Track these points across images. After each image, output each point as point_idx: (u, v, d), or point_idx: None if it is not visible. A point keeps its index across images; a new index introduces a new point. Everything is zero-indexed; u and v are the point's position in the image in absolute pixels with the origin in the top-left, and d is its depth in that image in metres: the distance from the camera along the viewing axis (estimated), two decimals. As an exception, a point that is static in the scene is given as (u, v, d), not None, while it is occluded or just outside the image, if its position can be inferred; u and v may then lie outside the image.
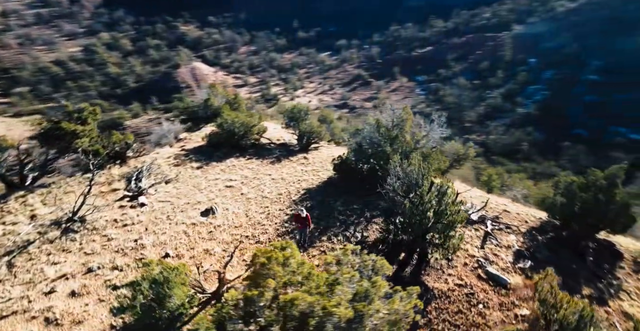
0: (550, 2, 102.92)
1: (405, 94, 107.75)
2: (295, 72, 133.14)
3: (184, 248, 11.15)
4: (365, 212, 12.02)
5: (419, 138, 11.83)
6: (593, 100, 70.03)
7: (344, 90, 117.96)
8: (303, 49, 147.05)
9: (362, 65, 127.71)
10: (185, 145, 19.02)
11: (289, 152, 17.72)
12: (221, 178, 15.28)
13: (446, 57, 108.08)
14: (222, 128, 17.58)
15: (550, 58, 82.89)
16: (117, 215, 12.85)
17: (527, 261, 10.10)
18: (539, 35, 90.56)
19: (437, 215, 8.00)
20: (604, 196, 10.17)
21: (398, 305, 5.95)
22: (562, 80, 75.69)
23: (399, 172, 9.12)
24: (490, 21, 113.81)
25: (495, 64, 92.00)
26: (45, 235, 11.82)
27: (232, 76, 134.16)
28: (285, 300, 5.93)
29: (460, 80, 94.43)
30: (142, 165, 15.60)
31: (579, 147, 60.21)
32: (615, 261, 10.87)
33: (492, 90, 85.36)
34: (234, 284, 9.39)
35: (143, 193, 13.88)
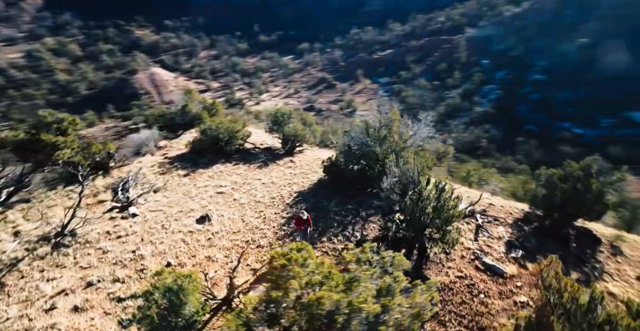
0: (497, 7, 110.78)
1: (369, 96, 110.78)
2: (259, 76, 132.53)
3: (185, 257, 11.20)
4: (360, 211, 12.52)
5: (406, 138, 12.76)
6: (539, 99, 76.27)
7: (309, 93, 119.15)
8: (266, 52, 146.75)
9: (326, 68, 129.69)
10: (168, 152, 18.81)
11: (274, 156, 18.12)
12: (211, 185, 15.40)
13: (406, 59, 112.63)
14: (205, 134, 17.64)
15: (501, 59, 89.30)
16: (109, 227, 12.65)
17: (519, 250, 10.72)
18: (490, 38, 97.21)
19: (436, 211, 8.64)
20: (582, 186, 11.03)
21: (419, 298, 6.22)
22: (512, 80, 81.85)
23: (395, 171, 9.79)
24: (444, 25, 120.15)
25: (452, 66, 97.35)
26: (35, 252, 11.44)
27: (194, 81, 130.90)
28: (311, 300, 6.04)
29: (420, 82, 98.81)
30: (126, 175, 15.35)
31: (531, 142, 65.25)
32: (595, 246, 11.70)
33: (451, 91, 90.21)
34: (242, 289, 9.60)
35: (132, 203, 13.73)
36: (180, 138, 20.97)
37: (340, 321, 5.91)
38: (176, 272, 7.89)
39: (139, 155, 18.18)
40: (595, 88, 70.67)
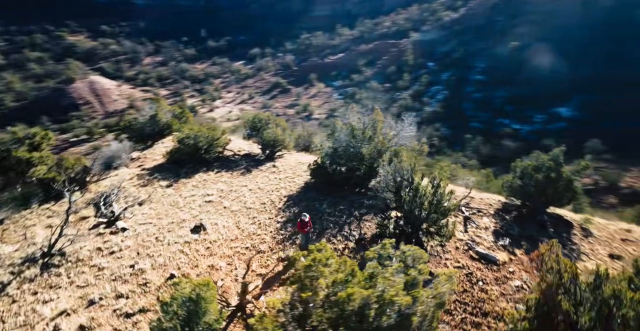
0: (437, 13, 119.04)
1: (324, 99, 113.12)
2: (210, 83, 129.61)
3: (187, 267, 11.19)
4: (353, 211, 13.12)
5: (390, 138, 13.92)
6: (481, 97, 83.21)
7: (264, 99, 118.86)
8: (215, 58, 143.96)
9: (279, 73, 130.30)
10: (144, 164, 18.36)
11: (256, 162, 18.49)
12: (197, 194, 15.46)
13: (357, 62, 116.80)
14: (183, 143, 17.58)
15: (445, 61, 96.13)
16: (99, 244, 12.35)
17: (506, 238, 11.48)
18: (433, 42, 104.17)
19: (432, 206, 9.46)
20: (555, 174, 12.16)
21: (441, 288, 6.67)
22: (456, 81, 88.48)
23: (389, 169, 10.75)
24: (390, 29, 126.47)
25: (401, 68, 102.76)
26: (22, 275, 10.91)
27: (140, 89, 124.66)
28: (342, 297, 6.23)
29: (372, 84, 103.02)
30: (106, 189, 14.93)
31: (477, 138, 70.92)
32: (568, 229, 12.64)
33: (401, 92, 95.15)
34: (253, 295, 9.86)
35: (119, 217, 13.46)
36: (153, 149, 20.50)
37: (372, 316, 6.16)
38: (193, 281, 8.00)
39: (111, 168, 17.60)
40: (528, 87, 78.73)
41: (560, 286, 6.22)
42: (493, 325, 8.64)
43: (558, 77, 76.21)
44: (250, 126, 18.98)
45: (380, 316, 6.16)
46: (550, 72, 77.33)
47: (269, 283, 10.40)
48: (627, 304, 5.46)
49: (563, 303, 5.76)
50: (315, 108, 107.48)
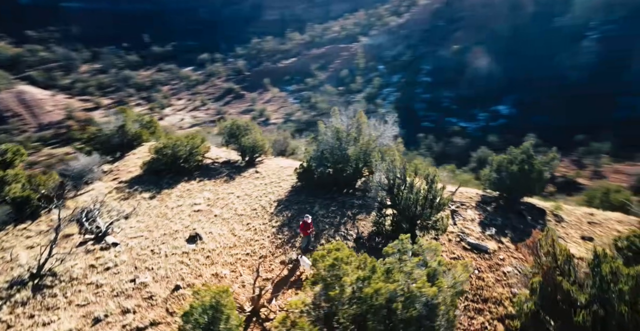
0: (383, 18, 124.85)
1: (280, 104, 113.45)
2: (158, 90, 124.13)
3: (191, 278, 11.17)
4: (345, 211, 13.50)
5: (374, 139, 14.93)
6: (430, 98, 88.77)
7: (217, 105, 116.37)
8: (162, 64, 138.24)
9: (232, 79, 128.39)
10: (119, 177, 17.73)
11: (237, 169, 18.66)
12: (184, 204, 15.40)
13: (310, 66, 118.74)
14: (161, 153, 17.33)
15: (394, 64, 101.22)
16: (91, 261, 12.01)
17: (492, 228, 12.20)
18: (382, 46, 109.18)
19: (428, 201, 10.20)
20: (528, 166, 13.14)
21: (460, 277, 7.19)
22: (406, 83, 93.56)
23: (382, 168, 11.58)
24: (340, 34, 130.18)
25: (353, 71, 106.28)
26: (12, 299, 10.38)
27: (78, 99, 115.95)
28: (369, 293, 6.56)
29: (327, 88, 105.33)
30: (85, 204, 14.40)
31: (429, 137, 75.53)
32: (543, 216, 13.45)
33: (355, 95, 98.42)
34: (266, 299, 10.06)
35: (108, 232, 13.12)
36: (125, 161, 19.79)
37: (399, 308, 6.46)
38: (212, 289, 8.08)
39: (84, 183, 16.84)
40: (470, 87, 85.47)
41: (556, 268, 6.96)
42: (494, 310, 9.34)
43: (495, 77, 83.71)
44: (229, 133, 19.12)
45: (408, 308, 6.46)
46: (488, 73, 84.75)
47: (278, 287, 10.64)
48: (623, 279, 6.15)
49: (564, 284, 6.60)
50: (272, 113, 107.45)
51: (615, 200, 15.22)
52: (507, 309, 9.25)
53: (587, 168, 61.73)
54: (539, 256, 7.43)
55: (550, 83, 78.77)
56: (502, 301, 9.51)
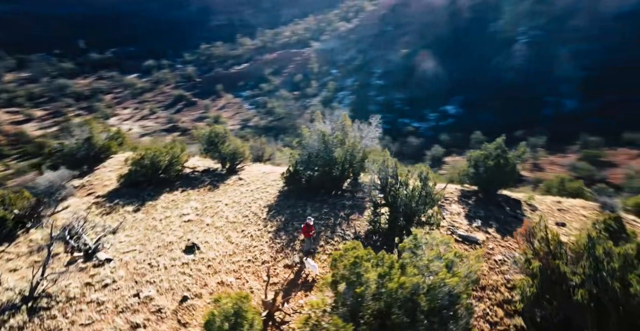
0: (333, 23, 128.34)
1: (235, 110, 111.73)
2: (100, 99, 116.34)
3: (196, 288, 11.19)
4: (338, 212, 13.98)
5: (358, 140, 15.82)
6: (383, 100, 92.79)
7: (168, 113, 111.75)
8: (102, 72, 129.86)
9: (182, 85, 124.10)
10: (94, 191, 16.92)
11: (219, 177, 18.68)
12: (172, 215, 15.25)
13: (263, 72, 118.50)
14: (139, 165, 16.92)
15: (347, 68, 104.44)
16: (86, 278, 11.62)
17: (477, 220, 12.90)
18: (334, 50, 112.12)
19: (422, 197, 10.90)
20: (503, 160, 14.18)
21: (472, 267, 7.61)
22: (360, 86, 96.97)
23: (374, 168, 12.27)
24: (291, 39, 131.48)
25: (307, 76, 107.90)
26: (6, 324, 9.82)
27: (4, 111, 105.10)
28: (393, 287, 6.94)
29: (282, 93, 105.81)
30: (65, 222, 13.78)
31: (386, 137, 78.86)
32: (519, 206, 14.44)
33: (311, 99, 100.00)
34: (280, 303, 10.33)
35: (98, 249, 12.73)
36: (96, 174, 18.87)
37: (424, 300, 6.85)
38: (232, 296, 8.26)
39: (57, 200, 15.93)
40: (419, 89, 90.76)
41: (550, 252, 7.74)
42: (492, 296, 10.02)
43: (442, 79, 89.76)
44: (207, 141, 19.08)
45: (432, 299, 6.86)
46: (435, 75, 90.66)
47: (287, 290, 10.88)
48: (615, 258, 6.91)
49: (561, 266, 7.51)
50: (227, 119, 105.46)
51: (570, 188, 17.42)
52: (503, 295, 10.05)
53: (527, 162, 68.29)
54: (533, 243, 8.31)
55: (490, 84, 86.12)
56: (499, 287, 10.30)
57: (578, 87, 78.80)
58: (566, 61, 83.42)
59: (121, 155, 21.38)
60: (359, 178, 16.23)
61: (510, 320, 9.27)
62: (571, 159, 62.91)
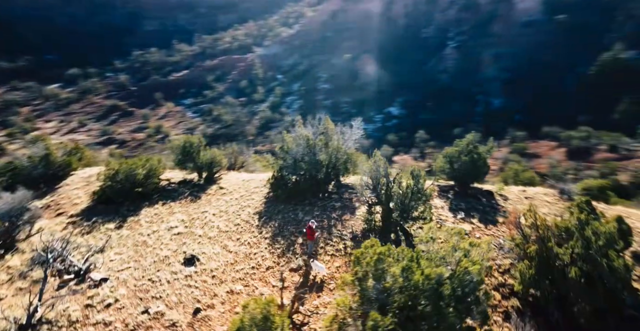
0: (275, 29, 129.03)
1: (178, 119, 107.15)
2: (16, 112, 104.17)
3: (207, 298, 11.26)
4: (330, 213, 14.48)
5: (341, 143, 16.70)
6: (331, 104, 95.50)
7: (101, 125, 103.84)
8: (16, 82, 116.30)
9: (114, 95, 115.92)
10: (64, 211, 15.79)
11: (198, 187, 18.46)
12: (160, 229, 14.94)
13: (206, 78, 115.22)
14: (114, 180, 16.25)
15: (292, 73, 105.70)
16: (84, 300, 11.20)
17: (461, 212, 13.86)
18: (277, 56, 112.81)
19: (415, 194, 11.77)
20: (476, 155, 15.54)
21: (485, 255, 8.26)
22: (307, 90, 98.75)
23: (365, 169, 13.19)
24: (233, 44, 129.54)
25: (253, 82, 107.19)
26: (10, 359, 9.22)
27: None
28: (419, 279, 7.32)
29: (228, 99, 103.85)
30: (43, 245, 12.95)
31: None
32: (492, 197, 15.67)
33: (259, 105, 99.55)
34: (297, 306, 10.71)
35: (89, 269, 12.21)
36: (59, 193, 17.53)
37: (449, 289, 7.30)
38: (258, 301, 8.31)
39: (24, 222, 14.66)
40: (364, 92, 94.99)
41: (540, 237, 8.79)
42: (488, 281, 10.73)
43: (384, 82, 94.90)
44: (182, 152, 18.76)
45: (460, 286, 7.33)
46: (378, 78, 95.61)
47: (300, 293, 11.20)
48: (602, 236, 8.01)
49: (554, 248, 8.57)
50: (170, 129, 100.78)
51: (524, 178, 19.90)
52: (497, 279, 11.13)
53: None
54: (522, 229, 9.45)
55: (428, 86, 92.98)
56: (492, 273, 11.34)
57: (502, 86, 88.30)
58: (490, 63, 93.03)
59: (83, 171, 20.09)
60: (341, 180, 17.19)
61: (507, 302, 10.39)
62: (503, 153, 70.31)
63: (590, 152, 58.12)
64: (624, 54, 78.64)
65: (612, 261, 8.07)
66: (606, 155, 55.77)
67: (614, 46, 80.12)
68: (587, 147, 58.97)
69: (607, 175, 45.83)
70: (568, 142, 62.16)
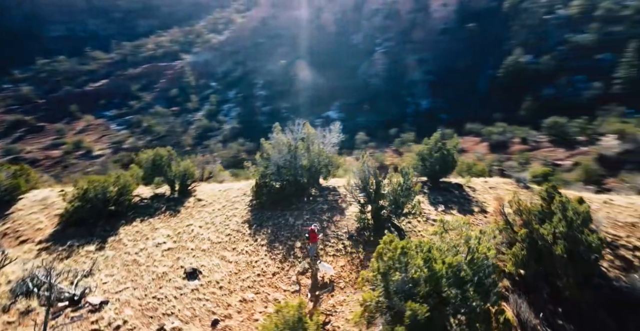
0: (203, 35, 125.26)
1: (100, 132, 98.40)
2: None
3: (221, 309, 11.34)
4: (320, 216, 15.09)
5: (322, 147, 17.59)
6: (270, 110, 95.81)
7: (3, 143, 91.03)
8: None
9: (17, 109, 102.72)
10: (27, 237, 14.30)
11: (174, 201, 17.95)
12: (148, 247, 14.48)
13: (130, 88, 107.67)
14: (84, 200, 15.29)
15: (227, 80, 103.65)
16: (88, 325, 10.70)
17: (440, 205, 15.11)
18: (209, 63, 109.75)
19: (405, 191, 12.82)
20: (446, 152, 17.12)
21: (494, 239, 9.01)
22: (244, 97, 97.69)
23: (355, 171, 14.05)
24: (157, 51, 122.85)
25: (185, 90, 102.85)
26: None
27: None
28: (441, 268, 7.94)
29: (158, 109, 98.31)
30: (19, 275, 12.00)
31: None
32: (462, 189, 17.08)
33: (194, 114, 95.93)
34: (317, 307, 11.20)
35: (85, 293, 11.60)
36: (13, 219, 15.71)
37: (469, 274, 7.92)
38: (290, 305, 8.64)
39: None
40: (302, 96, 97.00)
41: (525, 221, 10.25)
42: None
43: (320, 86, 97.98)
44: (151, 166, 18.12)
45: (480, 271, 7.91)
46: (314, 83, 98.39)
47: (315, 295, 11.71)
48: (581, 216, 9.30)
49: (540, 229, 9.89)
50: (93, 144, 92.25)
51: (476, 170, 22.56)
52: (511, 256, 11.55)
53: (404, 155, 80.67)
54: (506, 215, 10.95)
55: (361, 89, 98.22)
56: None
57: (428, 88, 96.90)
58: (416, 67, 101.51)
59: (33, 194, 18.17)
60: (322, 183, 18.19)
61: (500, 283, 11.08)
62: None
63: (507, 145, 66.61)
64: (522, 59, 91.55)
65: (587, 236, 9.52)
66: (520, 147, 64.47)
67: (514, 51, 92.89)
68: (504, 141, 67.46)
69: (524, 164, 53.28)
70: (489, 137, 70.42)
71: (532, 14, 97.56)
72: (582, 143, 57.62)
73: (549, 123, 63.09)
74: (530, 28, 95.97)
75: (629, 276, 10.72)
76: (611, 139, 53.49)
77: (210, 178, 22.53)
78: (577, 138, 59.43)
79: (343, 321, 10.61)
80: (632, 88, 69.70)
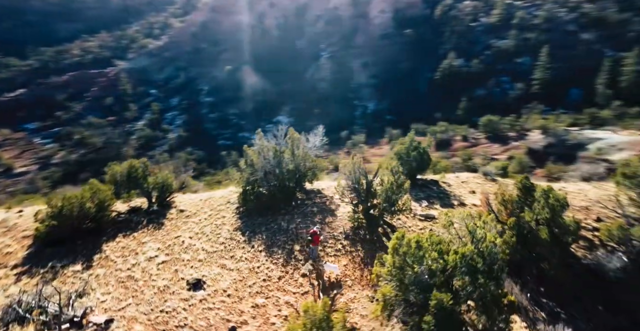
0: (138, 40, 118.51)
1: (22, 148, 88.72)
2: None
3: (236, 317, 11.47)
4: (312, 218, 15.48)
5: (307, 151, 18.06)
6: (218, 117, 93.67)
7: None
8: None
9: None
10: None
11: (155, 214, 17.29)
12: (141, 261, 14.02)
13: (55, 98, 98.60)
14: (59, 218, 14.37)
15: (168, 87, 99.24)
16: (101, 347, 10.31)
17: (423, 201, 16.11)
18: (147, 69, 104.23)
19: (397, 188, 13.63)
20: (422, 150, 18.58)
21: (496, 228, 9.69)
22: (189, 105, 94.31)
23: (346, 172, 14.70)
24: (85, 58, 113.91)
25: (121, 98, 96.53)
26: None
27: None
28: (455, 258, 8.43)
29: (92, 120, 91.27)
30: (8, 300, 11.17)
31: (232, 153, 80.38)
32: (438, 184, 17.94)
33: (134, 123, 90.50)
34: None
35: (86, 313, 11.12)
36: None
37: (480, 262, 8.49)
38: (315, 305, 9.00)
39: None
40: (250, 102, 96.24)
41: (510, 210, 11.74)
42: None
43: (269, 92, 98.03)
44: (126, 178, 17.38)
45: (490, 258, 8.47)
46: (262, 88, 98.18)
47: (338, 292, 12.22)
48: (561, 203, 10.63)
49: (525, 217, 11.33)
50: (14, 160, 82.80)
51: (441, 167, 24.55)
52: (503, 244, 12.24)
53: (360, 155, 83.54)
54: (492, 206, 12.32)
55: (310, 93, 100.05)
56: None
57: (373, 91, 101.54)
58: (360, 71, 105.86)
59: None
60: (306, 186, 18.79)
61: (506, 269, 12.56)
62: (384, 150, 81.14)
63: (451, 143, 72.25)
64: (455, 62, 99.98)
65: (564, 221, 11.10)
66: (462, 144, 70.30)
67: (448, 55, 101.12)
68: (447, 139, 73.05)
69: (467, 160, 58.38)
70: (434, 135, 75.85)
71: (460, 20, 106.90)
72: (513, 138, 64.50)
73: (483, 121, 69.48)
74: (460, 34, 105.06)
75: (593, 254, 12.39)
76: (536, 134, 60.87)
77: (184, 188, 22.06)
78: (508, 134, 66.30)
79: (359, 318, 11.24)
80: (547, 89, 79.83)
